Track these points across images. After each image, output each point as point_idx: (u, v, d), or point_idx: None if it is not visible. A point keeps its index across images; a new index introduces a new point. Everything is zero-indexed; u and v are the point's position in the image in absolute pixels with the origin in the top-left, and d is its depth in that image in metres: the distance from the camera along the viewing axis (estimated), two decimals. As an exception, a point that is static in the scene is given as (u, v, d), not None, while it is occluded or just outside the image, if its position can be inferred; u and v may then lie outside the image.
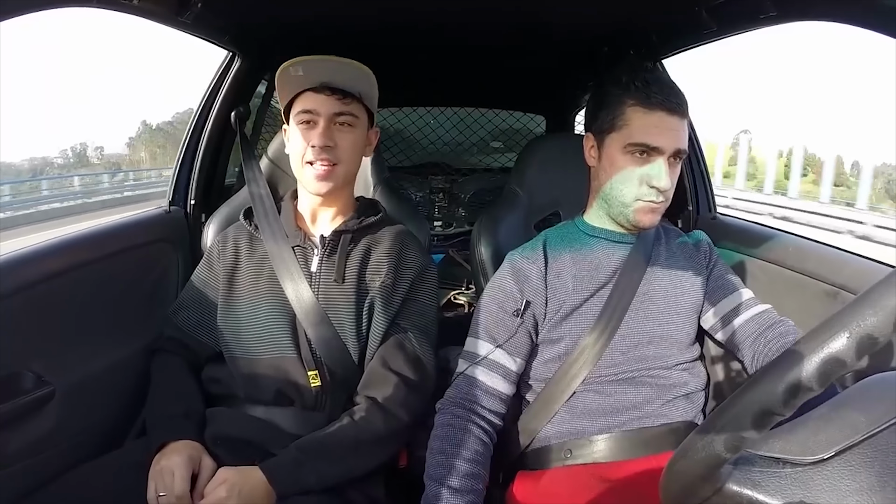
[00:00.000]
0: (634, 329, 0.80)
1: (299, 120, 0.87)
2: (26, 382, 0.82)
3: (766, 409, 0.34)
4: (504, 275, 0.84)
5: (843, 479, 0.37)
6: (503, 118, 2.13)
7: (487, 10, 1.08)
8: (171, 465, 0.73)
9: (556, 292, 0.82)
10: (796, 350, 0.34)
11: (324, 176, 0.86)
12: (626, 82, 0.78)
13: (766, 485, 0.37)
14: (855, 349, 0.32)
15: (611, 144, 0.79)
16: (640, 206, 0.78)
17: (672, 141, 0.76)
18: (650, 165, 0.76)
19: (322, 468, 0.76)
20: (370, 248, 0.91)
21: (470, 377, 0.82)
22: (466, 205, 1.99)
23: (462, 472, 0.74)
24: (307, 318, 0.85)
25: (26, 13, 0.63)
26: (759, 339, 0.81)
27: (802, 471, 0.37)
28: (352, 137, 0.88)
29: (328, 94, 0.86)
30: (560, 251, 0.84)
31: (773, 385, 0.34)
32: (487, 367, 0.82)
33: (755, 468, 0.38)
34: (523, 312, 0.81)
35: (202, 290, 0.94)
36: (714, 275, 0.88)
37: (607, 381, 0.80)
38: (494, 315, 0.83)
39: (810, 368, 0.32)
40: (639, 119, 0.76)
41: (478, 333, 0.84)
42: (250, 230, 0.94)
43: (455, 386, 0.83)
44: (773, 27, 0.87)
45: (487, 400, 0.81)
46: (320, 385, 0.84)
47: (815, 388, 0.33)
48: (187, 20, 0.94)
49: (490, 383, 0.81)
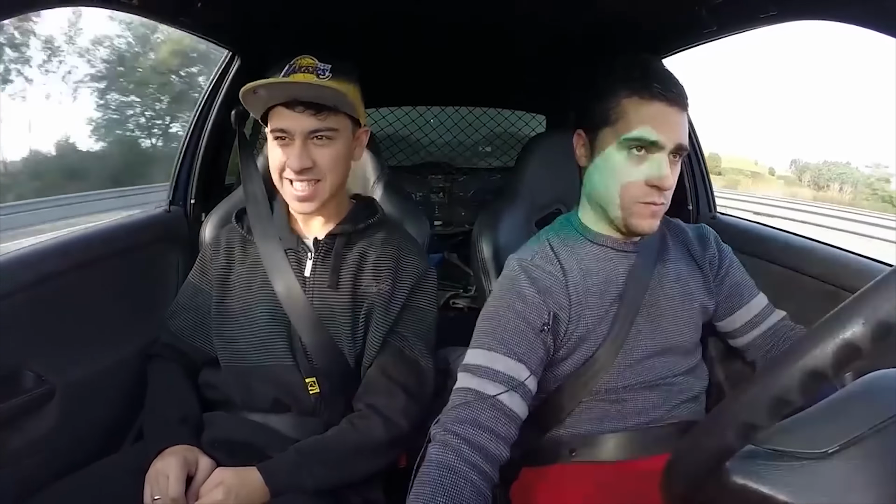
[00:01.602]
0: (642, 342, 0.76)
1: (274, 136, 0.81)
2: (26, 381, 0.82)
3: (781, 396, 0.33)
4: (522, 282, 0.74)
5: (849, 472, 0.36)
6: (504, 117, 2.13)
7: (488, 10, 1.08)
8: (166, 467, 0.72)
9: (577, 307, 0.75)
10: (812, 337, 0.33)
11: (306, 197, 0.81)
12: (623, 72, 0.71)
13: (770, 478, 0.37)
14: (870, 336, 0.31)
15: (604, 140, 0.72)
16: (640, 210, 0.71)
17: (672, 135, 0.69)
18: (649, 163, 0.69)
19: (319, 471, 0.75)
20: (366, 251, 0.88)
21: (481, 396, 0.66)
22: (466, 204, 1.99)
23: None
24: (301, 323, 0.83)
25: (26, 13, 0.63)
26: (774, 350, 0.81)
27: (808, 464, 0.37)
28: (332, 152, 0.81)
29: (301, 109, 0.78)
30: (569, 262, 0.78)
31: (788, 372, 0.33)
32: (505, 384, 0.67)
33: (760, 461, 0.38)
34: (551, 327, 0.71)
35: (196, 296, 0.92)
36: (729, 280, 0.83)
37: (614, 392, 0.77)
38: (513, 324, 0.70)
39: (826, 355, 0.32)
40: (635, 111, 0.69)
41: (491, 344, 0.70)
42: (242, 233, 0.91)
43: (461, 406, 0.66)
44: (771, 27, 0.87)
45: (502, 426, 0.65)
46: (318, 392, 0.83)
47: (831, 374, 0.32)
48: (187, 20, 0.94)
49: (508, 403, 0.66)
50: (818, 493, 0.36)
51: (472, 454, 0.62)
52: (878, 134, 35.74)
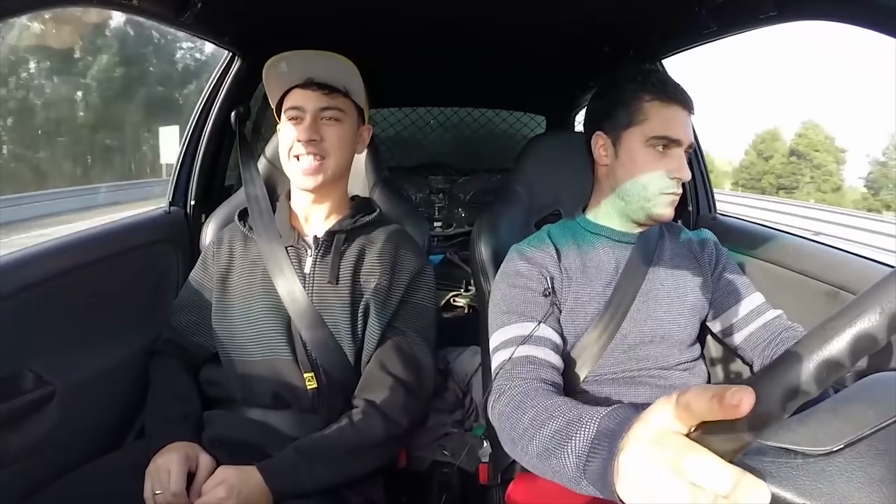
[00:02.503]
0: (636, 328, 0.80)
1: (287, 117, 0.88)
2: (26, 382, 0.82)
3: (795, 386, 0.32)
4: (516, 262, 0.81)
5: (854, 470, 0.37)
6: (503, 118, 2.13)
7: (488, 10, 1.08)
8: (167, 463, 0.73)
9: (568, 284, 0.81)
10: (828, 326, 0.32)
11: (312, 170, 0.86)
12: (643, 79, 0.80)
13: (776, 475, 0.37)
14: (886, 326, 0.31)
15: (630, 139, 0.80)
16: (664, 199, 0.79)
17: (687, 133, 0.78)
18: (670, 158, 0.78)
19: (319, 470, 0.76)
20: (365, 248, 0.90)
21: (517, 359, 0.71)
22: (466, 205, 1.99)
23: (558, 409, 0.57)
24: (301, 319, 0.85)
25: (26, 13, 0.63)
26: (770, 345, 0.81)
27: (813, 462, 0.37)
28: (338, 131, 0.88)
29: (314, 89, 0.87)
30: (566, 246, 0.84)
31: (804, 361, 0.32)
32: (535, 343, 0.73)
33: (766, 458, 0.38)
34: (552, 293, 0.78)
35: (198, 292, 0.94)
36: (724, 278, 0.87)
37: (607, 381, 0.80)
38: (521, 296, 0.78)
39: (842, 344, 0.31)
40: (658, 113, 0.78)
41: (508, 319, 0.76)
42: (244, 231, 0.93)
43: (501, 377, 0.70)
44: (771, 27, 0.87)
45: (546, 372, 0.71)
46: (316, 387, 0.84)
47: (847, 364, 0.31)
48: (187, 20, 0.94)
49: (544, 356, 0.72)
50: (823, 491, 0.36)
51: (532, 385, 0.68)
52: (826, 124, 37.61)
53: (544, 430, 0.55)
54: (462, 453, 1.18)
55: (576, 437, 0.48)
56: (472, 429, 1.30)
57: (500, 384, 0.69)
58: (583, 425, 0.48)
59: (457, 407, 1.36)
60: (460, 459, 1.17)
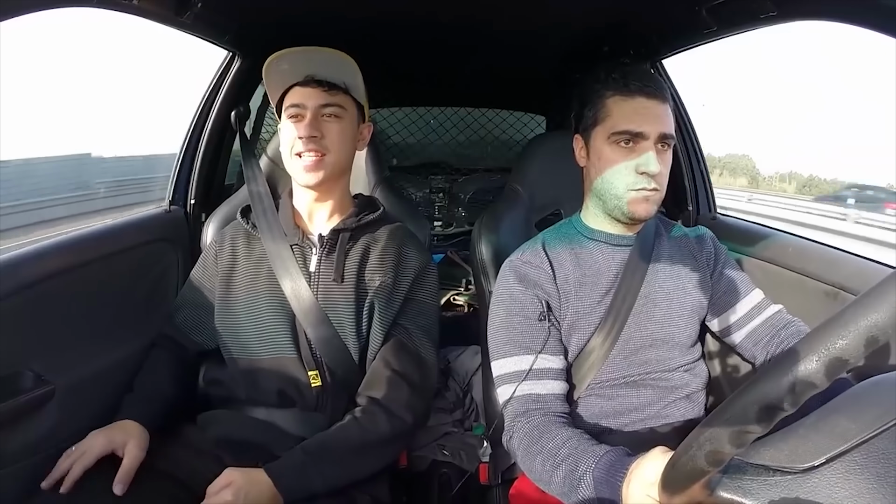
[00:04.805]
0: (637, 333, 0.80)
1: (288, 115, 0.88)
2: (26, 381, 0.81)
3: (771, 403, 0.33)
4: (511, 283, 0.81)
5: (834, 486, 0.37)
6: (503, 118, 2.12)
7: (488, 9, 1.08)
8: (93, 441, 0.75)
9: (566, 296, 0.80)
10: (801, 347, 0.33)
11: (312, 167, 0.86)
12: (604, 76, 0.79)
13: (756, 492, 0.37)
14: (862, 347, 0.31)
15: (596, 138, 0.79)
16: (634, 197, 0.77)
17: (655, 125, 0.75)
18: (637, 153, 0.76)
19: (327, 471, 0.76)
20: (369, 246, 0.90)
21: (520, 398, 0.76)
22: (466, 205, 1.99)
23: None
24: (306, 317, 0.85)
25: (26, 13, 0.63)
26: (773, 341, 0.81)
27: (793, 479, 0.37)
28: (339, 128, 0.88)
29: (314, 86, 0.87)
30: (561, 255, 0.83)
31: (778, 380, 0.33)
32: (536, 378, 0.76)
33: (746, 476, 0.38)
34: (548, 315, 0.78)
35: (198, 291, 0.94)
36: (723, 276, 0.87)
37: (609, 386, 0.80)
38: (519, 325, 0.79)
39: (813, 366, 0.32)
40: (619, 107, 0.77)
41: (508, 351, 0.79)
42: (247, 229, 0.93)
43: (508, 415, 0.77)
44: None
45: (550, 404, 0.76)
46: (321, 385, 0.84)
47: (819, 384, 0.32)
48: (187, 20, 0.94)
49: (546, 391, 0.76)
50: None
51: (537, 424, 0.73)
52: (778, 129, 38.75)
53: (555, 478, 0.66)
54: (462, 453, 1.18)
55: (581, 488, 0.62)
56: (472, 428, 1.30)
57: (509, 424, 0.76)
58: (583, 477, 0.62)
59: (457, 406, 1.36)
60: (460, 459, 1.17)
